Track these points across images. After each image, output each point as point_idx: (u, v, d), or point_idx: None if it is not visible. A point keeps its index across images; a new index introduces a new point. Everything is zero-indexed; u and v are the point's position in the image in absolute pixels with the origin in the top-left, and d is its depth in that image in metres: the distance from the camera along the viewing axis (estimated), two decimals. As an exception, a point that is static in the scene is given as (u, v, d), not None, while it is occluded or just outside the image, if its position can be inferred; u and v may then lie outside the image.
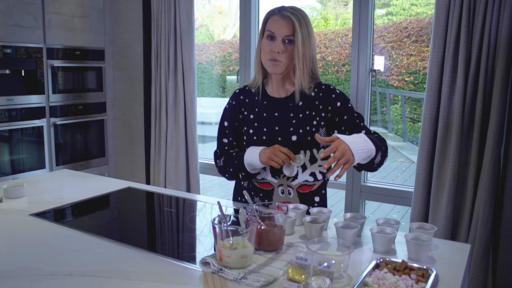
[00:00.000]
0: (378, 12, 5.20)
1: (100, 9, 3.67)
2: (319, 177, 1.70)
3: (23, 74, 3.24)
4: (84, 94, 3.62)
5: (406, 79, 4.95)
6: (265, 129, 1.69)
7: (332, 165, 1.42)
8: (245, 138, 1.74)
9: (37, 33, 3.23)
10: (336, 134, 1.48)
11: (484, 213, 2.31)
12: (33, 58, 3.22)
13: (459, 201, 2.43)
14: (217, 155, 1.81)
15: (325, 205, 1.77)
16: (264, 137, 1.68)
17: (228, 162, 1.73)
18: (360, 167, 1.61)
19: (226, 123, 1.78)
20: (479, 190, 2.34)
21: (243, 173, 1.68)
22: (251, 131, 1.71)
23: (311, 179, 1.70)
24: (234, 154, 1.76)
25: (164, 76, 3.42)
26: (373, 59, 2.86)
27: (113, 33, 3.77)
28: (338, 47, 5.93)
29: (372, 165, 1.59)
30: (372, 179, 2.98)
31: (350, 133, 1.60)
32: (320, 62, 5.93)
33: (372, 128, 1.77)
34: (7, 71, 3.16)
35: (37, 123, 3.30)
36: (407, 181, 5.40)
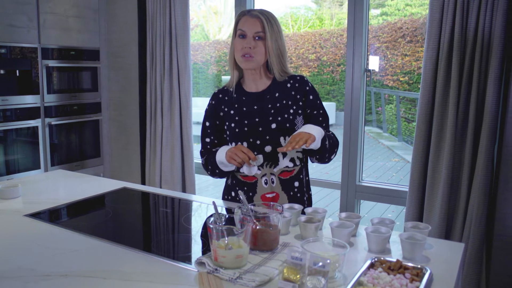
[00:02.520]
0: (373, 12, 5.21)
1: (95, 9, 3.66)
2: (297, 162, 1.80)
3: (17, 74, 3.23)
4: (79, 94, 3.61)
5: (401, 79, 4.96)
6: (246, 122, 1.77)
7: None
8: (228, 133, 1.82)
9: (31, 33, 3.22)
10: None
11: (478, 212, 2.32)
12: (27, 58, 3.21)
13: (453, 201, 2.45)
14: (202, 154, 1.90)
15: (304, 190, 1.84)
16: (245, 129, 1.77)
17: (208, 160, 1.84)
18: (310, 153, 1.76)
19: (207, 123, 1.87)
20: (473, 189, 2.36)
21: (217, 171, 1.80)
22: (232, 125, 1.79)
23: (291, 164, 1.78)
24: (214, 152, 1.84)
25: (159, 76, 3.42)
26: (368, 59, 2.87)
27: (108, 33, 3.76)
28: (333, 47, 5.94)
29: (314, 154, 1.75)
30: (367, 178, 2.99)
31: None
32: (315, 62, 5.93)
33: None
34: (2, 71, 3.14)
35: (32, 123, 3.28)
36: (402, 180, 5.42)
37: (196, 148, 3.58)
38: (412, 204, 2.54)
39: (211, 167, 1.82)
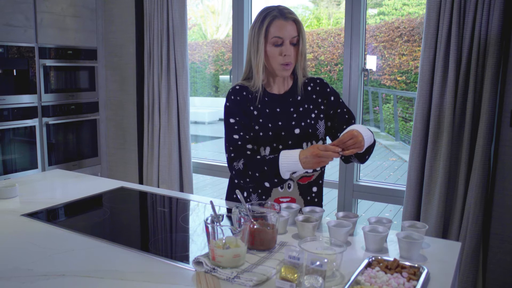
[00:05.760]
0: (370, 12, 5.22)
1: (93, 9, 3.65)
2: (318, 167, 1.67)
3: (14, 74, 3.22)
4: (76, 93, 3.60)
5: (398, 78, 4.97)
6: (270, 125, 1.70)
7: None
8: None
9: (28, 33, 3.21)
10: (350, 128, 1.56)
11: (475, 211, 2.33)
12: (25, 58, 3.20)
13: (450, 200, 2.45)
14: (233, 158, 1.67)
15: (321, 196, 1.82)
16: (270, 133, 1.69)
17: (252, 166, 1.61)
18: (349, 159, 1.69)
19: (232, 120, 1.69)
20: (469, 188, 2.36)
21: (275, 180, 1.57)
22: (256, 127, 1.70)
23: (310, 169, 1.65)
24: (258, 157, 1.63)
25: (156, 76, 3.42)
26: (365, 59, 2.87)
27: (106, 33, 3.75)
28: (331, 47, 5.94)
29: (364, 156, 1.67)
30: (365, 178, 3.00)
31: (342, 126, 1.73)
32: (313, 61, 5.94)
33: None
34: (-2, 71, 3.14)
35: (29, 123, 3.28)
36: (399, 180, 5.43)
37: (194, 147, 3.59)
38: (410, 203, 2.55)
39: (258, 174, 1.59)
